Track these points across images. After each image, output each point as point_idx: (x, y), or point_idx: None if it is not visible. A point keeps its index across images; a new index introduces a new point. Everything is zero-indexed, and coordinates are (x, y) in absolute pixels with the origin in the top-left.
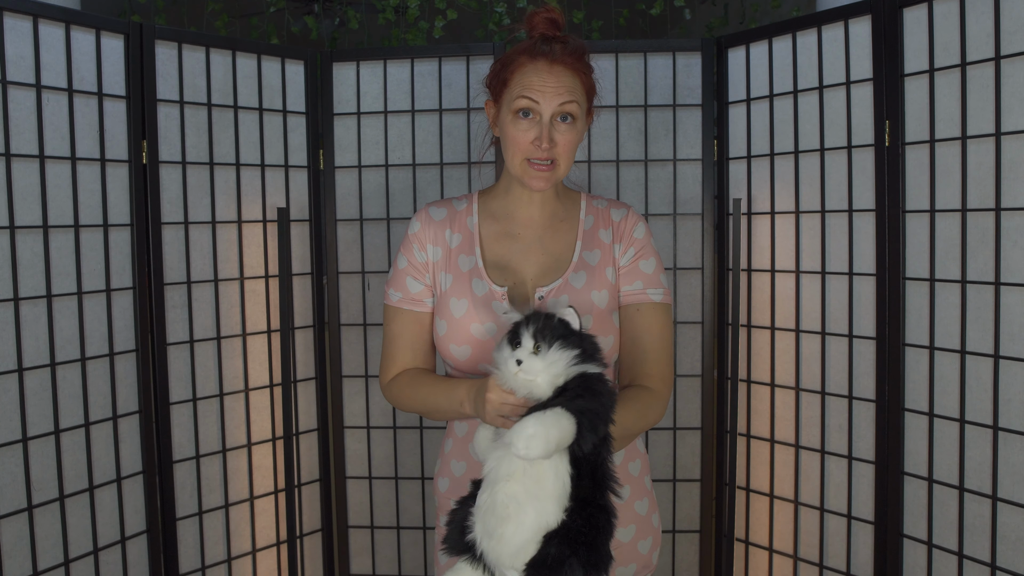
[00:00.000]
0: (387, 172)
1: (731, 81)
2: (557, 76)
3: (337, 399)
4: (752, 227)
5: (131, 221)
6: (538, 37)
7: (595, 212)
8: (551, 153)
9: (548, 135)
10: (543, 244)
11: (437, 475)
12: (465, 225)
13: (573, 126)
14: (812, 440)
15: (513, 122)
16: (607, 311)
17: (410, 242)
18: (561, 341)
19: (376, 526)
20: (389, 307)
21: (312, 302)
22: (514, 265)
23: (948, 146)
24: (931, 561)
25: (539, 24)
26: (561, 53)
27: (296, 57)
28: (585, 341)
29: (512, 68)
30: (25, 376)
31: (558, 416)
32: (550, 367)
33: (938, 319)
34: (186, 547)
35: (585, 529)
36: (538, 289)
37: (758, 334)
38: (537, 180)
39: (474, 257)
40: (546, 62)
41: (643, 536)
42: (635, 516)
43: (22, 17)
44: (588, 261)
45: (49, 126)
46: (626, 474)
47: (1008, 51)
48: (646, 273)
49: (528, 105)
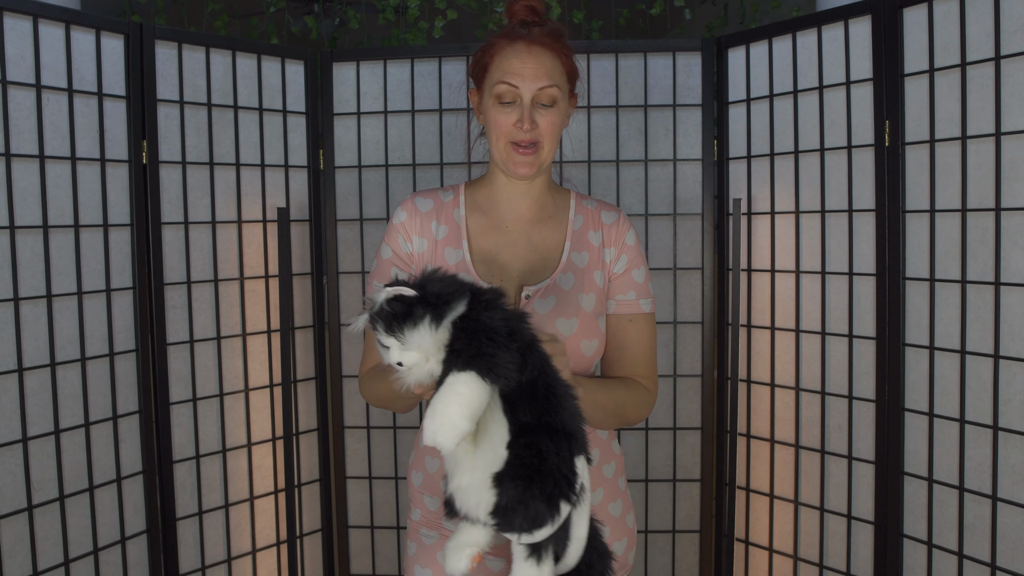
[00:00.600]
0: (387, 172)
1: (731, 81)
2: (536, 57)
3: (337, 399)
4: (752, 227)
5: (131, 221)
6: (516, 22)
7: (584, 212)
8: (533, 135)
9: (529, 116)
10: (531, 240)
11: (411, 468)
12: (452, 217)
13: (555, 108)
14: (812, 440)
15: (494, 106)
16: (594, 315)
17: (395, 231)
18: (409, 321)
19: (376, 526)
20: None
21: (312, 302)
22: (501, 260)
23: (948, 146)
24: (931, 561)
25: (519, 11)
26: (539, 35)
27: (296, 57)
28: (427, 291)
29: (491, 52)
30: (25, 376)
31: (449, 390)
32: (423, 347)
33: (938, 319)
34: (186, 547)
35: (531, 457)
36: (525, 288)
37: (758, 334)
38: (521, 165)
39: (461, 251)
40: (524, 44)
41: (618, 538)
42: (608, 518)
43: (22, 17)
44: (576, 263)
45: (49, 126)
46: (600, 476)
47: (1008, 51)
48: (638, 283)
49: (507, 90)
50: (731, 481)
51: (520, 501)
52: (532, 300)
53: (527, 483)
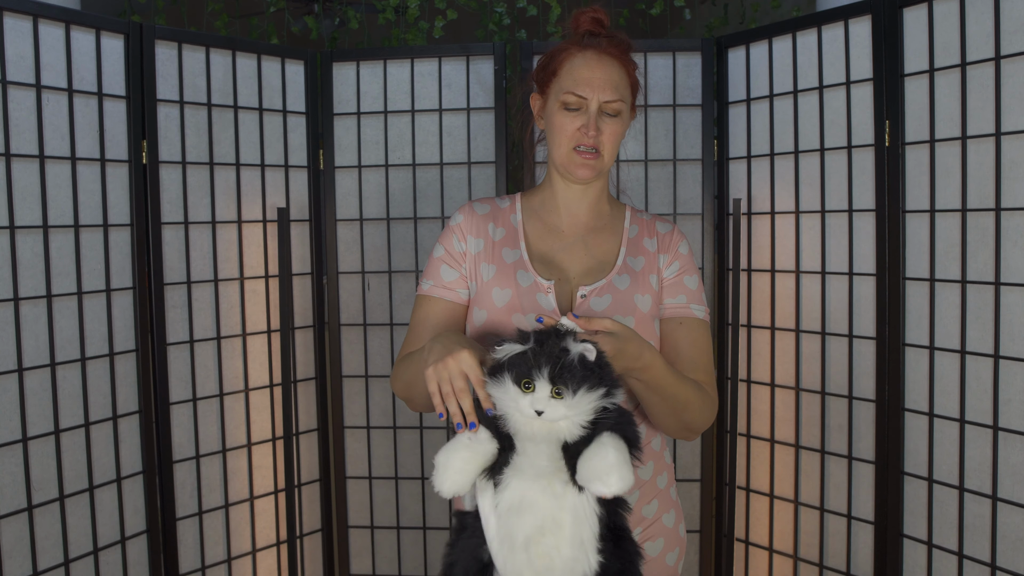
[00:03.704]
0: (387, 172)
1: (731, 81)
2: (605, 67)
3: (337, 399)
4: (752, 227)
5: (131, 221)
6: (584, 32)
7: (640, 223)
8: (597, 141)
9: (595, 123)
10: (587, 245)
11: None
12: (509, 221)
13: (619, 119)
14: (812, 440)
15: (560, 111)
16: (649, 316)
17: (451, 232)
18: (586, 386)
19: (376, 526)
20: (419, 296)
21: (312, 302)
22: (558, 261)
23: (948, 146)
24: (931, 561)
25: (584, 22)
26: (608, 45)
27: (296, 57)
28: (605, 373)
29: (561, 59)
30: (25, 376)
31: (621, 445)
32: (574, 411)
33: (938, 319)
34: (186, 547)
35: (623, 564)
36: (581, 287)
37: (758, 334)
38: (583, 168)
39: (519, 251)
40: (594, 53)
41: (671, 548)
42: (663, 529)
43: (22, 17)
44: (632, 266)
45: (49, 126)
46: (654, 487)
47: (1008, 51)
48: (690, 288)
49: (577, 99)
50: (731, 481)
51: None
52: (588, 299)
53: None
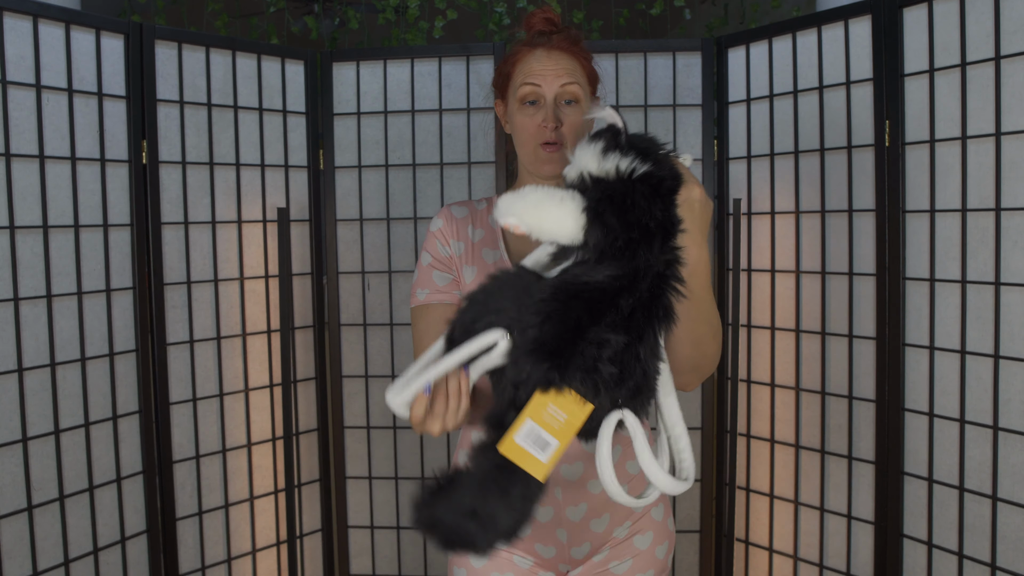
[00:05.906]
0: (387, 172)
1: (731, 81)
2: (556, 60)
3: (337, 399)
4: (752, 227)
5: (131, 221)
6: (535, 32)
7: None
8: (557, 135)
9: (554, 115)
10: None
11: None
12: (487, 222)
13: (578, 108)
14: (812, 440)
15: (520, 110)
16: None
17: (433, 238)
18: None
19: (376, 526)
20: (416, 309)
21: (312, 302)
22: None
23: (948, 146)
24: (931, 561)
25: (536, 23)
26: (558, 40)
27: (296, 57)
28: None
29: (513, 61)
30: (25, 376)
31: (552, 197)
32: (584, 163)
33: (938, 319)
34: (186, 547)
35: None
36: None
37: (758, 334)
38: (547, 164)
39: (499, 251)
40: (544, 50)
41: (660, 541)
42: (652, 523)
43: (22, 17)
44: None
45: (49, 126)
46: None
47: (1008, 51)
48: None
49: (531, 91)
50: (731, 481)
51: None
52: None
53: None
